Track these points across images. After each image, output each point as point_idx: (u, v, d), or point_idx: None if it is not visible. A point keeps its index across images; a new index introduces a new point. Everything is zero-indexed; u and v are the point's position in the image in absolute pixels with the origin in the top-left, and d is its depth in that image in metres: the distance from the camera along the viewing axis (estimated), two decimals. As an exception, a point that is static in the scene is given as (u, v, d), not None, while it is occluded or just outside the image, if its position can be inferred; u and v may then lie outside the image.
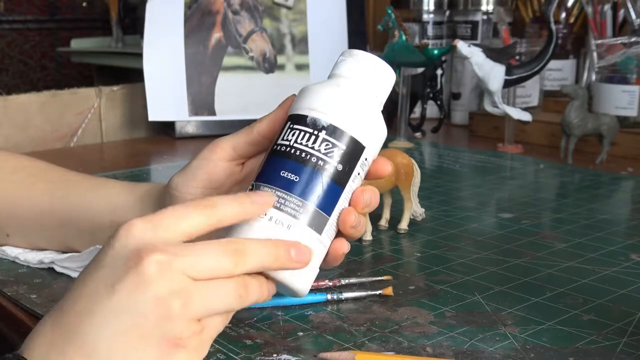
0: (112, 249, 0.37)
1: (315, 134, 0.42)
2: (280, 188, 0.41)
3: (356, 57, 0.45)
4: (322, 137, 0.42)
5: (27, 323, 0.53)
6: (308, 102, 0.43)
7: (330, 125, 0.42)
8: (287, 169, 0.41)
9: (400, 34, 1.13)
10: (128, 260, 0.36)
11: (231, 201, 0.40)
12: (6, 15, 2.28)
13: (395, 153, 0.71)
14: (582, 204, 0.83)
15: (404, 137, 1.17)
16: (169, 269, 0.36)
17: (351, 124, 0.42)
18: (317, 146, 0.42)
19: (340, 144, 0.42)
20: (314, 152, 0.42)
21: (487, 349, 0.48)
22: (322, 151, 0.42)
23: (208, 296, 0.37)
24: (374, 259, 0.65)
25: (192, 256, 0.37)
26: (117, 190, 0.59)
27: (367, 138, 0.43)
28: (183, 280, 0.36)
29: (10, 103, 1.12)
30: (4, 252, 0.64)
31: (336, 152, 0.42)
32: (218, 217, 0.39)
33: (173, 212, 0.39)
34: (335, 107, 0.43)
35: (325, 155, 0.42)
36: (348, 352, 0.46)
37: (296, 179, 0.41)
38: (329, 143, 0.42)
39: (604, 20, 1.21)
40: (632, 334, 0.50)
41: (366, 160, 0.44)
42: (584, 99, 1.00)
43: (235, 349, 0.47)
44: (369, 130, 0.43)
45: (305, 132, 0.42)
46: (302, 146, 0.42)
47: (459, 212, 0.80)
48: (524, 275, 0.61)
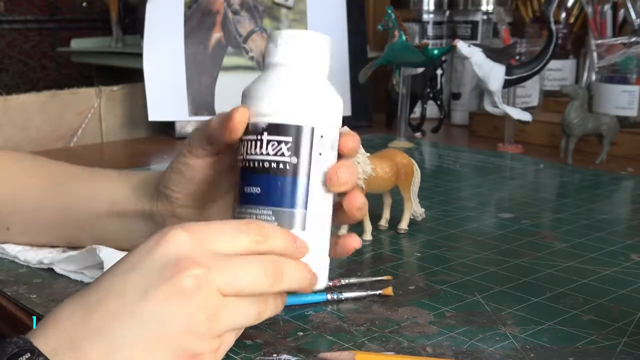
0: (149, 254, 0.37)
1: (260, 139, 0.41)
2: (249, 205, 0.41)
3: (281, 39, 0.43)
4: (266, 139, 0.41)
5: (27, 323, 0.53)
6: (248, 108, 0.43)
7: (268, 124, 0.41)
8: (249, 184, 0.42)
9: (400, 34, 1.13)
10: (165, 269, 0.36)
11: (281, 237, 0.40)
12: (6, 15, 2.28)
13: (395, 153, 0.71)
14: (582, 204, 0.83)
15: (404, 137, 1.17)
16: (205, 286, 0.36)
17: (289, 114, 0.41)
18: (264, 150, 0.41)
19: (285, 138, 0.41)
20: (264, 157, 0.41)
21: (487, 349, 0.48)
22: (271, 153, 0.41)
23: (234, 314, 0.38)
24: (374, 259, 0.65)
25: (230, 273, 0.37)
26: (115, 180, 0.59)
27: (313, 117, 0.42)
28: (216, 298, 0.36)
29: (10, 103, 1.12)
30: (3, 251, 0.64)
31: (284, 147, 0.41)
32: (266, 249, 0.39)
33: (221, 231, 0.38)
34: (270, 103, 0.42)
35: (276, 156, 0.41)
36: (348, 352, 0.46)
37: (258, 190, 0.41)
38: (273, 142, 0.41)
39: (604, 20, 1.21)
40: (632, 334, 0.50)
41: (322, 137, 0.42)
42: (584, 99, 1.00)
43: (235, 349, 0.47)
44: (313, 108, 0.42)
45: (251, 141, 0.42)
46: (253, 156, 0.42)
47: (459, 212, 0.80)
48: (524, 275, 0.61)
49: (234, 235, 0.38)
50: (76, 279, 0.59)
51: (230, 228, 0.39)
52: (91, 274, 0.58)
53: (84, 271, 0.59)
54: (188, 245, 0.37)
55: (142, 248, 0.38)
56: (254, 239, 0.39)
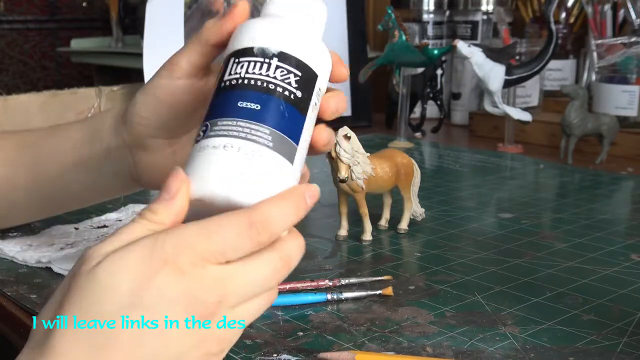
0: (152, 282, 0.34)
1: (268, 62, 0.39)
2: (242, 118, 0.38)
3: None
4: (275, 64, 0.39)
5: (27, 323, 0.53)
6: (249, 35, 0.41)
7: (280, 52, 0.40)
8: (245, 99, 0.38)
9: (400, 34, 1.13)
10: (180, 303, 0.34)
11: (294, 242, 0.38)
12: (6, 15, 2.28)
13: (395, 153, 0.71)
14: (582, 204, 0.83)
15: (404, 137, 1.17)
16: (223, 312, 0.35)
17: (300, 51, 0.40)
18: (272, 73, 0.39)
19: (295, 70, 0.40)
20: (271, 79, 0.39)
21: (487, 349, 0.48)
22: (279, 78, 0.39)
23: (248, 317, 0.37)
24: (374, 259, 0.65)
25: (242, 292, 0.36)
26: (77, 128, 0.57)
27: (318, 65, 0.41)
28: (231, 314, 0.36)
29: (10, 103, 1.12)
30: (1, 251, 0.64)
31: (292, 78, 0.39)
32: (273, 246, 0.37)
33: (222, 242, 0.35)
34: (280, 35, 0.41)
35: (283, 82, 0.39)
36: (348, 352, 0.46)
37: (257, 107, 0.38)
38: (283, 70, 0.39)
39: (604, 20, 1.21)
40: (632, 334, 0.50)
41: (320, 90, 0.41)
42: (584, 99, 1.00)
43: (236, 349, 0.47)
44: (318, 58, 0.41)
45: (256, 62, 0.40)
46: (257, 75, 0.39)
47: (459, 212, 0.80)
48: (524, 275, 0.61)
49: (237, 244, 0.35)
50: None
51: (232, 235, 0.35)
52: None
53: (84, 271, 0.59)
54: (197, 270, 0.34)
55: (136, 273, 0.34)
56: (260, 242, 0.36)
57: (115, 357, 0.33)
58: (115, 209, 0.76)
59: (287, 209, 0.37)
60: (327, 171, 0.70)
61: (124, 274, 0.34)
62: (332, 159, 0.65)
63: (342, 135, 0.65)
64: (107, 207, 0.77)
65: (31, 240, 0.67)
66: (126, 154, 0.54)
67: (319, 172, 0.91)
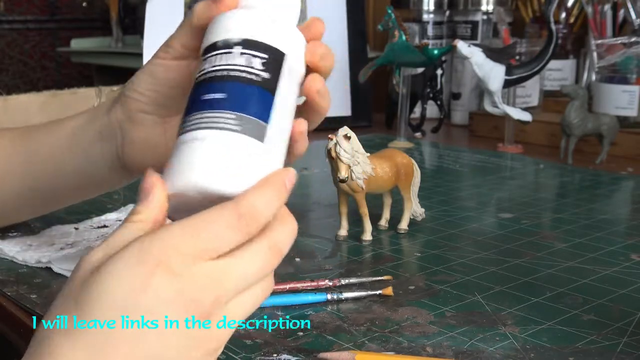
0: (148, 286, 0.34)
1: (230, 52, 0.41)
2: (208, 109, 0.39)
3: None
4: (239, 51, 0.41)
5: (27, 323, 0.53)
6: (216, 31, 0.42)
7: (242, 39, 0.41)
8: (210, 92, 0.40)
9: (400, 34, 1.13)
10: (176, 303, 0.34)
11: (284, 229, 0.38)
12: (6, 15, 2.28)
13: (395, 153, 0.71)
14: (582, 204, 0.83)
15: (404, 137, 1.17)
16: (216, 315, 0.35)
17: (265, 35, 0.41)
18: (234, 61, 0.40)
19: (259, 54, 0.41)
20: (233, 66, 0.40)
21: (487, 349, 0.48)
22: (243, 64, 0.40)
23: (244, 311, 0.37)
24: (374, 259, 0.65)
25: (233, 286, 0.36)
26: (74, 117, 0.58)
27: (287, 46, 0.42)
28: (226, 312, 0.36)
29: (10, 103, 1.12)
30: (1, 251, 0.64)
31: (258, 61, 0.40)
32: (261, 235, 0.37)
33: (212, 237, 0.35)
34: (244, 24, 0.41)
35: (246, 67, 0.40)
36: (348, 352, 0.46)
37: (222, 96, 0.39)
38: (247, 55, 0.40)
39: (604, 20, 1.21)
40: (632, 334, 0.50)
41: (292, 70, 0.42)
42: (584, 99, 1.00)
43: (236, 349, 0.47)
44: (286, 39, 0.42)
45: (219, 54, 0.41)
46: (220, 66, 0.40)
47: (459, 212, 0.80)
48: (524, 275, 0.61)
49: (227, 238, 0.36)
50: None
51: (221, 229, 0.35)
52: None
53: (84, 271, 0.59)
54: (189, 270, 0.34)
55: (129, 278, 0.34)
56: (249, 232, 0.36)
57: (115, 357, 0.33)
58: (115, 208, 0.76)
59: (270, 196, 0.37)
60: (327, 171, 0.70)
61: (118, 280, 0.34)
62: (332, 159, 0.65)
63: (342, 135, 0.65)
64: (107, 207, 0.78)
65: (31, 240, 0.67)
66: (116, 132, 0.54)
67: (319, 172, 0.92)
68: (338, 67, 1.32)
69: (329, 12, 1.32)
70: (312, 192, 0.89)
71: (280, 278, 0.56)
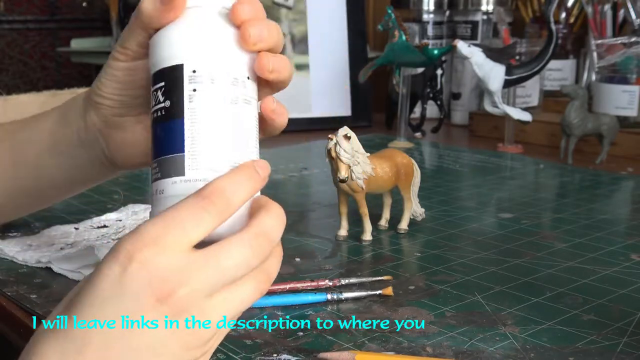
0: (122, 280, 0.34)
1: (153, 92, 0.40)
2: (154, 160, 0.40)
3: None
4: (152, 90, 0.40)
5: (27, 323, 0.53)
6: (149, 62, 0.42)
7: (152, 75, 0.41)
8: (152, 140, 0.40)
9: (400, 34, 1.13)
10: (149, 295, 0.34)
11: (244, 190, 0.37)
12: (6, 15, 2.29)
13: (395, 153, 0.71)
14: (582, 204, 0.83)
15: (404, 137, 1.17)
16: (193, 303, 0.34)
17: (160, 58, 0.40)
18: (153, 102, 0.40)
19: (160, 84, 0.40)
20: (152, 108, 0.40)
21: (487, 349, 0.48)
22: (154, 103, 0.40)
23: (232, 307, 0.36)
24: (374, 259, 0.65)
25: (213, 272, 0.35)
26: (48, 116, 0.57)
27: (186, 52, 0.39)
28: (208, 306, 0.35)
29: (10, 103, 1.12)
30: (1, 251, 0.64)
31: (159, 93, 0.40)
32: (230, 211, 0.36)
33: (181, 223, 0.35)
34: (152, 53, 0.41)
35: (156, 105, 0.40)
36: (348, 352, 0.46)
37: (152, 144, 0.40)
38: (155, 91, 0.40)
39: (604, 20, 1.21)
40: (632, 334, 0.50)
41: (195, 72, 0.39)
42: (584, 99, 1.00)
43: (235, 349, 0.47)
44: (186, 45, 0.39)
45: (150, 97, 0.41)
46: (150, 109, 0.40)
47: (459, 212, 0.80)
48: (524, 275, 0.61)
49: (196, 219, 0.35)
50: (74, 278, 0.59)
51: (188, 213, 0.35)
52: (88, 273, 0.58)
53: (82, 270, 0.59)
54: (159, 259, 0.34)
55: (112, 272, 0.34)
56: (219, 211, 0.36)
57: (87, 348, 0.34)
58: (115, 209, 0.76)
59: (238, 178, 0.37)
60: (327, 171, 0.70)
61: (98, 277, 0.35)
62: (332, 159, 0.65)
63: (342, 135, 0.65)
64: (107, 208, 0.77)
65: (31, 240, 0.67)
66: (96, 136, 0.53)
67: (319, 172, 0.92)
68: (338, 67, 1.33)
69: (329, 12, 1.33)
70: (312, 192, 0.89)
71: (280, 278, 0.56)
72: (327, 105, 1.32)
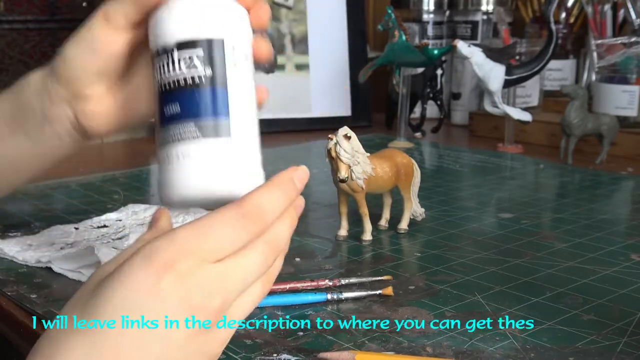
0: (157, 288, 0.34)
1: (171, 59, 0.41)
2: (173, 123, 0.41)
3: None
4: (177, 57, 0.41)
5: (27, 323, 0.53)
6: (156, 33, 0.42)
7: (176, 42, 0.41)
8: (168, 104, 0.41)
9: (400, 34, 1.13)
10: (184, 309, 0.34)
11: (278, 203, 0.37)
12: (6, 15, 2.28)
13: (395, 153, 0.71)
14: (582, 204, 0.83)
15: (404, 137, 1.17)
16: (224, 311, 0.36)
17: (194, 29, 0.41)
18: (177, 68, 0.41)
19: (196, 52, 0.41)
20: (178, 75, 0.41)
21: (487, 349, 0.48)
22: (184, 69, 0.41)
23: (246, 309, 0.38)
24: (374, 259, 0.65)
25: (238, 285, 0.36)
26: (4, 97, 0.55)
27: (221, 29, 0.41)
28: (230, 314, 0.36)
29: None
30: (1, 251, 0.64)
31: (196, 61, 0.41)
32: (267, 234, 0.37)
33: (220, 238, 0.35)
34: (175, 21, 0.41)
35: (189, 70, 0.41)
36: (348, 352, 0.46)
37: (177, 108, 0.41)
38: (185, 58, 0.41)
39: (604, 20, 1.21)
40: (632, 334, 0.50)
41: (234, 49, 0.42)
42: (584, 99, 1.00)
43: (236, 349, 0.47)
44: (219, 22, 0.42)
45: (163, 63, 0.41)
46: (167, 77, 0.41)
47: (459, 212, 0.80)
48: (524, 275, 0.61)
49: (234, 237, 0.36)
50: (74, 278, 0.59)
51: (228, 230, 0.36)
52: (88, 273, 0.58)
53: (82, 270, 0.59)
54: (193, 274, 0.34)
55: (141, 280, 0.34)
56: (256, 231, 0.36)
57: (113, 358, 0.33)
58: (115, 209, 0.76)
59: (276, 194, 0.37)
60: (327, 171, 0.70)
61: (125, 283, 0.34)
62: (332, 159, 0.65)
63: (342, 135, 0.65)
64: (107, 207, 0.77)
65: (31, 240, 0.67)
66: (64, 110, 0.52)
67: (319, 172, 0.92)
68: (338, 67, 1.33)
69: (329, 12, 1.32)
70: (312, 192, 0.89)
71: (280, 278, 0.56)
72: (327, 105, 1.31)
